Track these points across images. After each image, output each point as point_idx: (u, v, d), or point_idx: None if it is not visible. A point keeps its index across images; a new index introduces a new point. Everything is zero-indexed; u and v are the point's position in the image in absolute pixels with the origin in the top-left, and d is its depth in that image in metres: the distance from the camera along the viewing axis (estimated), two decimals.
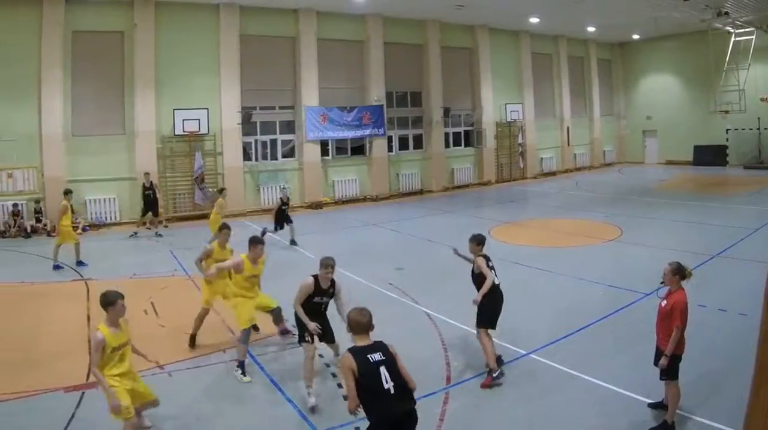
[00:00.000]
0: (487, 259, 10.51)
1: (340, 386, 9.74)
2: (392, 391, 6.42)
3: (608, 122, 50.23)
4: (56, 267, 19.06)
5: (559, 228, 24.05)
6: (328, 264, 9.60)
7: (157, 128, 28.55)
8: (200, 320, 11.81)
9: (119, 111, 28.30)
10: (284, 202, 22.53)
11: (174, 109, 28.54)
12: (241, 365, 10.59)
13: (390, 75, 35.67)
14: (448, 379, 9.98)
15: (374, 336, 6.88)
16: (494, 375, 10.00)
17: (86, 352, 11.34)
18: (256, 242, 11.32)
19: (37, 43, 26.03)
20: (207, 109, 29.23)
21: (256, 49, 31.42)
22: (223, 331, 12.57)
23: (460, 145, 40.20)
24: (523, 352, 10.90)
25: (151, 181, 25.58)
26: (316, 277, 9.60)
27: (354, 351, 6.61)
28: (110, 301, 8.14)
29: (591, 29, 43.15)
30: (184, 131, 28.71)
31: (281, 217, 22.05)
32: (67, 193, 20.45)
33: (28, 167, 26.17)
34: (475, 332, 10.35)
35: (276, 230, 22.08)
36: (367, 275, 16.67)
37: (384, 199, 34.70)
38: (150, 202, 25.17)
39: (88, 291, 16.27)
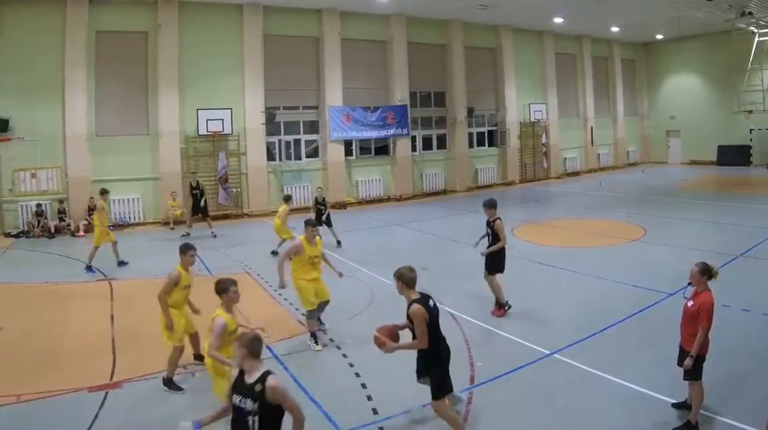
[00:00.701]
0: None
1: (364, 386, 9.61)
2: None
3: (632, 122, 48.99)
4: (88, 268, 18.33)
5: (582, 228, 23.51)
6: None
7: (180, 128, 27.87)
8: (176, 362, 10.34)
9: (143, 111, 27.65)
10: (319, 203, 21.70)
11: (198, 110, 27.84)
12: (313, 335, 11.52)
13: (414, 75, 34.74)
14: (472, 379, 9.77)
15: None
16: (506, 308, 12.89)
17: (110, 351, 11.30)
18: (309, 223, 11.97)
19: (61, 44, 25.46)
20: (230, 109, 28.51)
21: (279, 49, 30.63)
22: (246, 331, 11.88)
23: (484, 145, 39.17)
24: (547, 352, 10.66)
25: (198, 181, 24.89)
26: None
27: (421, 302, 7.92)
28: (224, 288, 8.42)
29: (615, 29, 41.95)
30: (207, 131, 28.00)
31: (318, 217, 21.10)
32: (104, 192, 19.82)
33: (51, 167, 25.55)
34: (493, 330, 11.36)
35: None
36: (390, 275, 15.71)
37: (407, 200, 33.85)
38: (196, 203, 24.44)
39: (111, 291, 15.87)
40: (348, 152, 32.93)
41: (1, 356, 11.38)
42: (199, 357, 10.48)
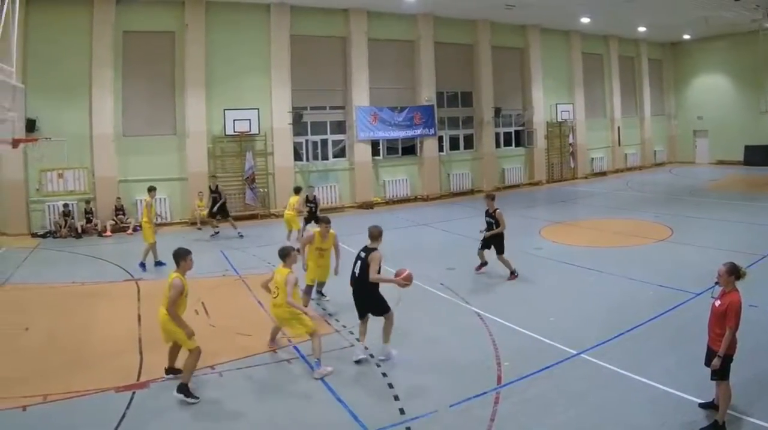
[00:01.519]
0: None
1: (390, 386, 9.40)
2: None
3: (659, 122, 47.34)
4: (142, 265, 17.85)
5: (609, 228, 22.79)
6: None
7: (207, 128, 27.03)
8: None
9: (170, 111, 26.86)
10: (310, 201, 21.26)
11: (225, 110, 26.96)
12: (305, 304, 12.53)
13: (441, 75, 33.61)
14: (499, 379, 9.50)
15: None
16: (515, 275, 15.41)
17: (137, 351, 11.14)
18: (323, 220, 13.63)
19: (87, 44, 24.73)
20: (257, 109, 27.60)
21: (306, 49, 29.65)
22: (261, 334, 11.66)
23: (511, 145, 37.90)
24: (574, 352, 10.40)
25: (217, 185, 23.97)
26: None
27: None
28: (287, 252, 10.31)
29: (642, 29, 40.51)
30: (234, 131, 27.11)
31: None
32: (152, 190, 19.24)
33: (78, 168, 24.79)
34: (516, 328, 11.55)
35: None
36: (418, 275, 14.85)
37: (435, 199, 32.72)
38: (212, 206, 23.61)
39: (138, 291, 15.42)
40: (375, 152, 31.90)
41: (28, 357, 11.10)
42: (173, 370, 9.88)
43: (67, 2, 24.49)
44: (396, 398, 9.00)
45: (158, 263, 18.20)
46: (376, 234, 10.71)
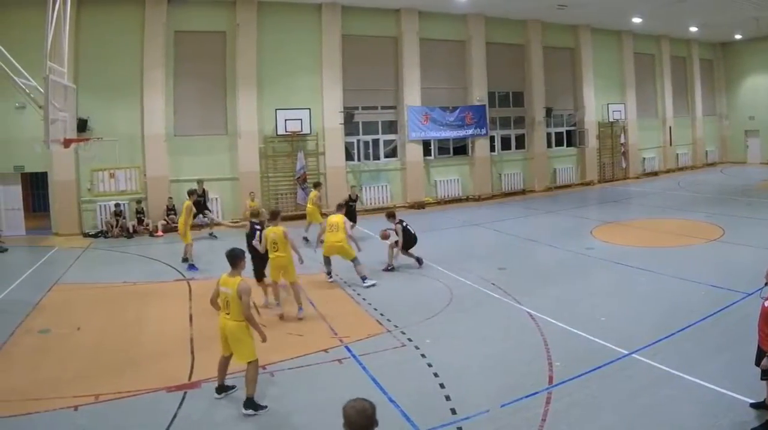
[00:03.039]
0: None
1: (442, 386, 8.84)
2: None
3: (710, 122, 43.83)
4: (191, 266, 17.12)
5: (661, 228, 21.47)
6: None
7: (259, 128, 25.24)
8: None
9: (221, 111, 25.11)
10: (352, 200, 20.52)
11: (276, 109, 25.10)
12: (328, 274, 15.09)
13: (492, 75, 31.13)
14: (551, 379, 9.00)
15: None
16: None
17: (188, 351, 10.62)
18: (340, 206, 15.48)
19: (139, 44, 23.17)
20: (309, 109, 25.64)
21: (357, 49, 27.62)
22: (325, 330, 11.27)
23: (562, 145, 35.18)
24: (626, 352, 9.85)
25: (204, 189, 22.41)
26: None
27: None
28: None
29: (693, 29, 37.29)
30: (286, 131, 25.21)
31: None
32: (191, 193, 18.50)
33: (130, 167, 23.24)
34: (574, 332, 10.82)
35: None
36: (469, 275, 15.20)
37: (486, 199, 30.30)
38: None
39: (190, 291, 14.77)
40: (426, 152, 29.66)
41: (80, 356, 10.55)
42: (225, 388, 8.83)
43: (118, 2, 22.99)
44: (447, 398, 8.45)
45: (185, 260, 17.52)
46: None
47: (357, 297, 13.78)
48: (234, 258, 8.48)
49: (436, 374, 9.30)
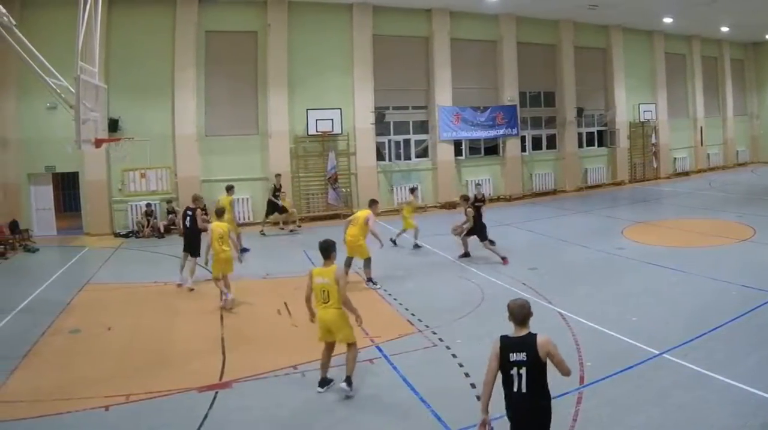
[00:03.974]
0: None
1: (473, 386, 8.32)
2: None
3: (741, 122, 41.49)
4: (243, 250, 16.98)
5: (692, 228, 20.41)
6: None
7: (290, 128, 23.94)
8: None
9: (252, 111, 23.84)
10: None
11: (307, 109, 23.79)
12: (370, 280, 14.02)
13: (523, 75, 29.48)
14: (582, 379, 8.51)
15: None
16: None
17: (219, 351, 10.18)
18: (372, 202, 14.85)
19: (170, 44, 22.05)
20: (340, 109, 24.30)
21: (388, 49, 26.11)
22: (357, 330, 9.88)
23: (594, 145, 33.31)
24: (656, 352, 9.36)
25: (281, 184, 21.51)
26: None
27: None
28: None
29: (724, 29, 35.26)
30: (317, 131, 23.90)
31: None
32: (229, 188, 18.58)
33: (161, 167, 22.11)
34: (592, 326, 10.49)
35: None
36: (500, 275, 14.61)
37: (517, 199, 28.67)
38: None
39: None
40: (458, 152, 28.08)
41: (111, 356, 10.14)
42: (327, 382, 8.65)
43: (149, 2, 21.85)
44: (478, 397, 7.40)
45: (244, 250, 17.23)
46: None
47: (388, 297, 13.12)
48: (327, 249, 8.50)
49: (467, 374, 8.85)
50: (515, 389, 5.64)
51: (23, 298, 13.58)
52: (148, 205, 21.84)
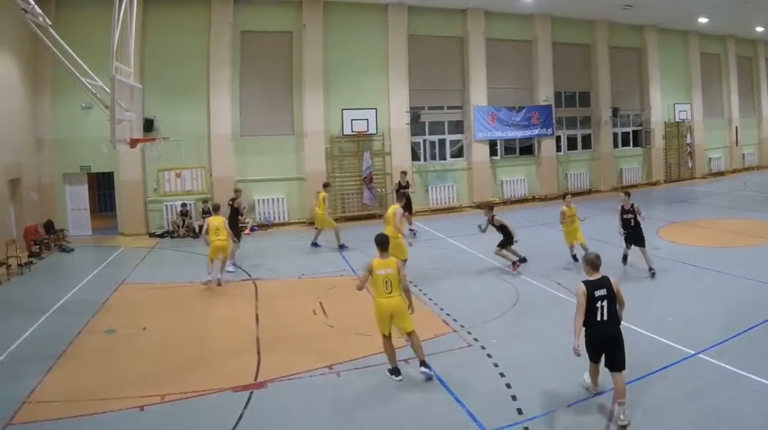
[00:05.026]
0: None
1: (508, 386, 7.93)
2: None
3: None
4: (342, 247, 17.18)
5: (727, 228, 19.28)
6: None
7: (325, 128, 22.50)
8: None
9: (287, 111, 22.43)
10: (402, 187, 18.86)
11: (342, 110, 22.31)
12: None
13: (558, 75, 27.61)
14: None
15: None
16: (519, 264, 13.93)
17: (254, 351, 9.64)
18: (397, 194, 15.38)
19: (205, 44, 20.77)
20: (375, 109, 22.76)
21: (424, 49, 24.50)
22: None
23: (629, 145, 31.29)
24: (692, 352, 8.75)
25: (408, 181, 19.54)
26: None
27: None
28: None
29: (759, 29, 32.86)
30: (352, 131, 22.41)
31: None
32: (326, 185, 17.94)
33: (196, 167, 20.82)
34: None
35: None
36: (536, 275, 13.83)
37: (552, 199, 26.48)
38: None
39: (256, 290, 13.49)
40: (493, 152, 26.30)
41: (146, 356, 9.66)
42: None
43: (184, 2, 20.57)
44: (514, 398, 7.61)
45: (342, 247, 17.27)
46: None
47: (423, 297, 12.33)
48: (384, 242, 8.52)
49: (502, 374, 8.44)
50: (599, 319, 6.92)
51: (59, 298, 12.95)
52: (183, 205, 20.56)
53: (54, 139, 20.04)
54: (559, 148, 28.45)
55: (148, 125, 19.29)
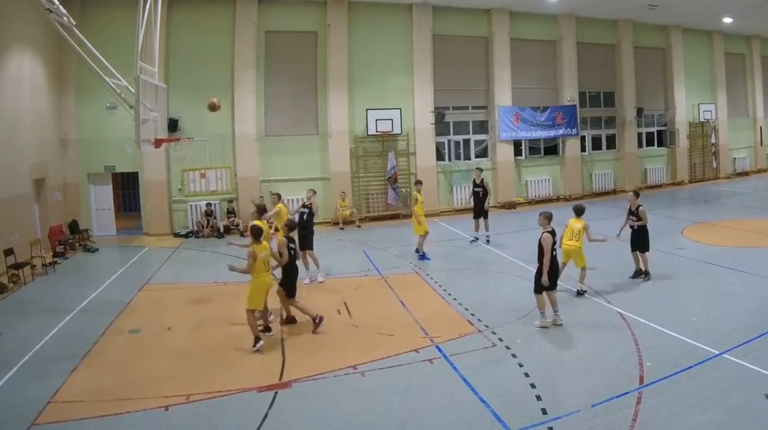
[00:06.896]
0: (553, 234, 9.91)
1: (533, 386, 7.48)
2: None
3: None
4: (422, 256, 15.08)
5: (752, 228, 18.13)
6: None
7: (350, 128, 21.09)
8: None
9: (312, 111, 21.03)
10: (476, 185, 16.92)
11: (367, 109, 20.93)
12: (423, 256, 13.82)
13: (583, 75, 25.81)
14: (641, 379, 7.51)
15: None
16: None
17: (279, 351, 9.17)
18: (418, 182, 15.62)
19: (230, 44, 19.46)
20: (400, 109, 21.31)
21: (448, 49, 22.90)
22: (416, 330, 9.79)
23: (653, 145, 29.32)
24: (716, 352, 8.20)
25: (482, 179, 17.04)
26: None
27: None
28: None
29: None
30: (377, 131, 21.00)
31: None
32: (417, 183, 15.93)
33: (220, 167, 19.54)
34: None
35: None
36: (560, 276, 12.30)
37: (577, 199, 24.65)
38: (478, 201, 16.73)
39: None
40: (517, 152, 24.60)
41: (171, 356, 9.12)
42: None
43: (209, 2, 19.25)
44: (538, 398, 7.17)
45: (422, 256, 15.24)
46: None
47: (448, 297, 11.78)
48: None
49: (527, 374, 8.02)
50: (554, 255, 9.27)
51: (83, 298, 12.42)
52: (208, 205, 19.32)
53: (79, 139, 18.88)
54: (583, 149, 26.60)
55: (173, 125, 18.08)
